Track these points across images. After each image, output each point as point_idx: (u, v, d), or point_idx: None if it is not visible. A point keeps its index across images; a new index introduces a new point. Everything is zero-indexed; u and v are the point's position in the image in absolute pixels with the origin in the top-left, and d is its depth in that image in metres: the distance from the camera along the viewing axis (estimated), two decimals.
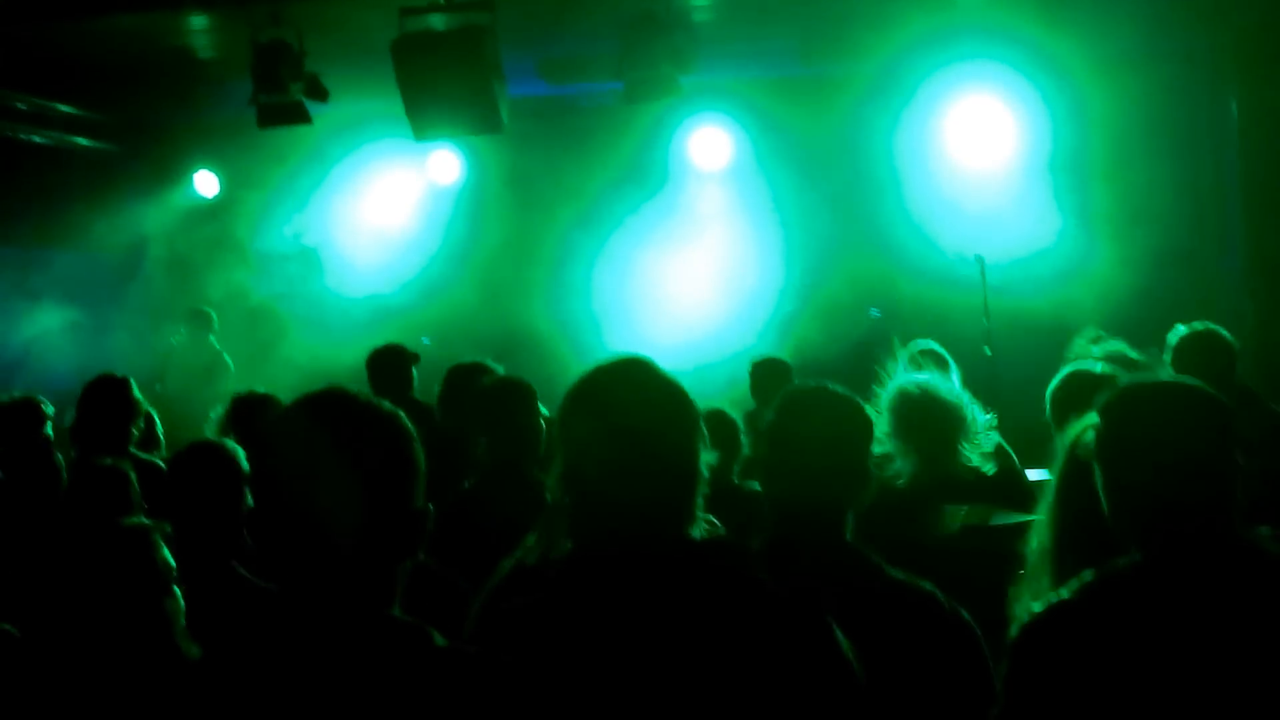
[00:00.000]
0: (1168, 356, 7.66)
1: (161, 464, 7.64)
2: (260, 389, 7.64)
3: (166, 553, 4.06)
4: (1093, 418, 3.57)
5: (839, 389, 4.11)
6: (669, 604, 2.97)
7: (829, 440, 3.88)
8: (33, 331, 14.04)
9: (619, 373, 3.18)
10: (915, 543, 4.77)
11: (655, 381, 3.15)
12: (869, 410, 4.06)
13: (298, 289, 16.46)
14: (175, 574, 4.07)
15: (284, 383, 9.52)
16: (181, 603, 4.05)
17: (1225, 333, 7.79)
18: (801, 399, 4.04)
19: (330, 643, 2.58)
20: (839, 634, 3.07)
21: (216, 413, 7.50)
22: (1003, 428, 5.96)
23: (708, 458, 3.13)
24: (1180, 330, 7.85)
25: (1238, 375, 7.71)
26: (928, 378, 5.89)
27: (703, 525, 3.11)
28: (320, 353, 13.99)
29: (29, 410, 7.70)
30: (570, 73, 14.41)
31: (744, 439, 6.74)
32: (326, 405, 2.72)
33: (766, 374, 9.70)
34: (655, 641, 2.94)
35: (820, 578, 3.60)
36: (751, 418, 7.19)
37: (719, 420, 6.48)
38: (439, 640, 2.66)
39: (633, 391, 3.11)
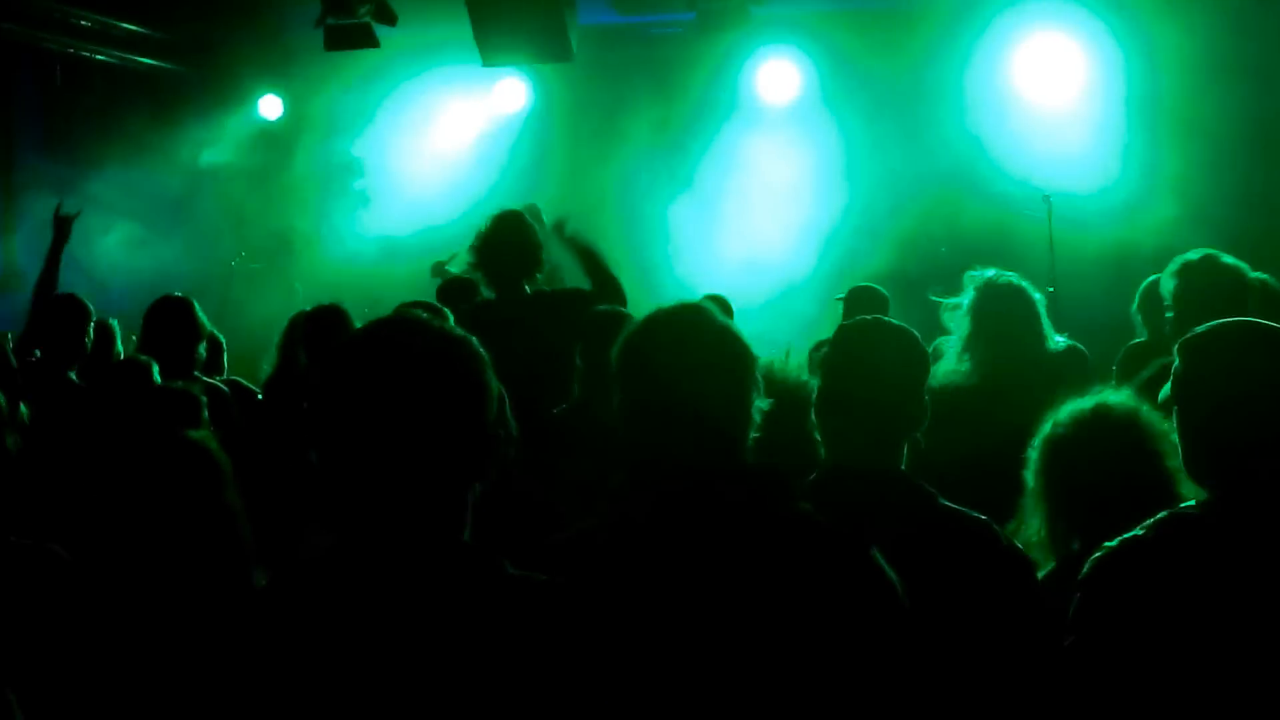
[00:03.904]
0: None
1: (225, 388, 7.71)
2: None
3: (228, 468, 4.06)
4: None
5: (896, 322, 4.16)
6: (710, 537, 3.01)
7: (885, 372, 3.91)
8: (96, 246, 14.11)
9: (674, 319, 3.21)
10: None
11: (710, 328, 3.18)
12: (923, 344, 4.08)
13: (355, 218, 16.48)
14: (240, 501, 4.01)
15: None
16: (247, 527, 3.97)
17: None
18: (858, 332, 4.08)
19: (400, 570, 2.60)
20: (884, 565, 3.11)
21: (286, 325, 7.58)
22: None
23: (761, 404, 3.16)
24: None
25: None
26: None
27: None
28: (375, 284, 14.01)
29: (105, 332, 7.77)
30: (642, 1, 14.36)
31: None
32: (396, 329, 2.75)
33: (861, 303, 9.43)
34: (699, 575, 2.98)
35: (873, 508, 3.64)
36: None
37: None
38: (509, 569, 2.68)
39: (686, 339, 3.14)
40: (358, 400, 2.65)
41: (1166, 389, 3.71)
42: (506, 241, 7.75)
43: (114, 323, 8.61)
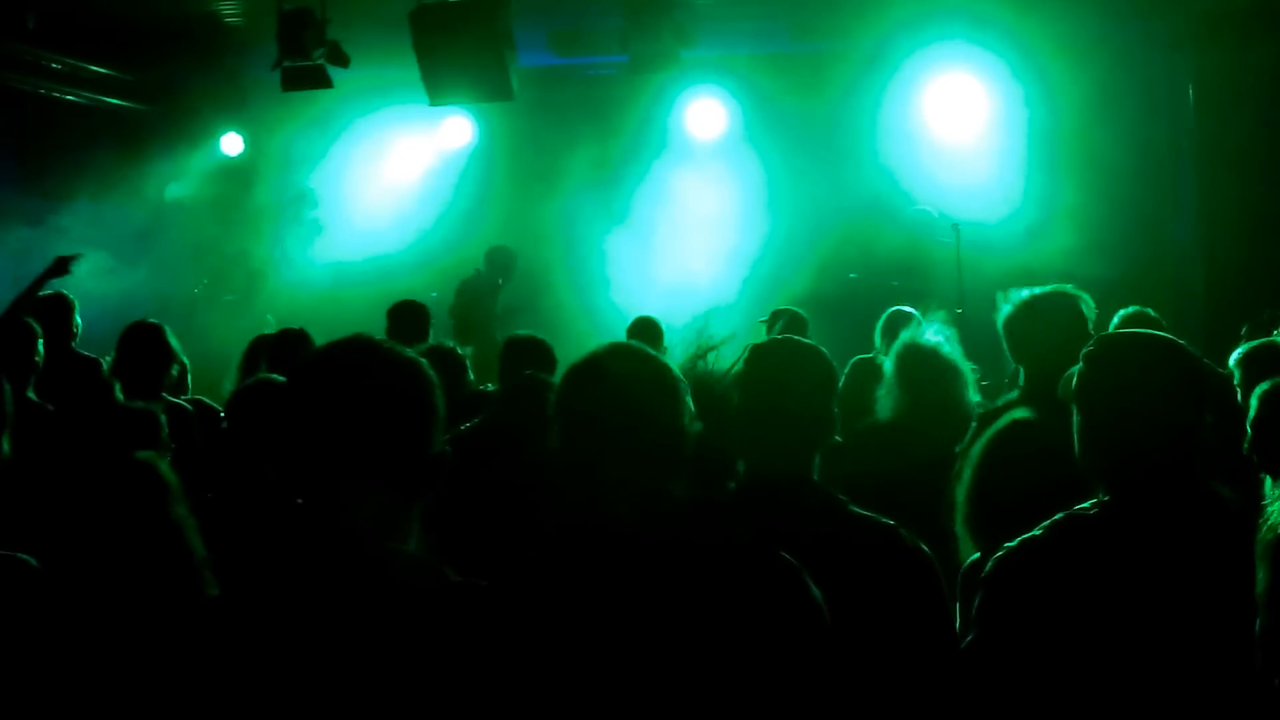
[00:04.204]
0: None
1: (189, 407, 7.67)
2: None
3: (176, 485, 3.98)
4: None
5: (804, 340, 4.17)
6: (650, 572, 2.95)
7: (795, 387, 3.89)
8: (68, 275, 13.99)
9: (615, 354, 3.16)
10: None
11: (648, 362, 3.14)
12: (831, 359, 4.04)
13: (309, 246, 16.42)
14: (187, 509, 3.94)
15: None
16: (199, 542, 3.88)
17: (1154, 314, 7.84)
18: (768, 349, 4.05)
19: (347, 578, 2.58)
20: (810, 583, 3.07)
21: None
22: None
23: (695, 427, 3.13)
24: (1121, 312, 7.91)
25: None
26: (936, 337, 6.01)
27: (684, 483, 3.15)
28: (327, 308, 13.97)
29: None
30: (578, 45, 14.49)
31: None
32: (352, 351, 2.73)
33: (785, 326, 9.58)
34: (634, 604, 2.93)
35: (789, 513, 3.65)
36: None
37: None
38: (453, 576, 2.67)
39: (628, 371, 3.10)
40: (310, 419, 2.65)
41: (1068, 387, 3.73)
42: None
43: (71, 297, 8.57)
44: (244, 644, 2.58)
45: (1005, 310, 5.70)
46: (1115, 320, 7.74)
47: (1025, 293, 5.68)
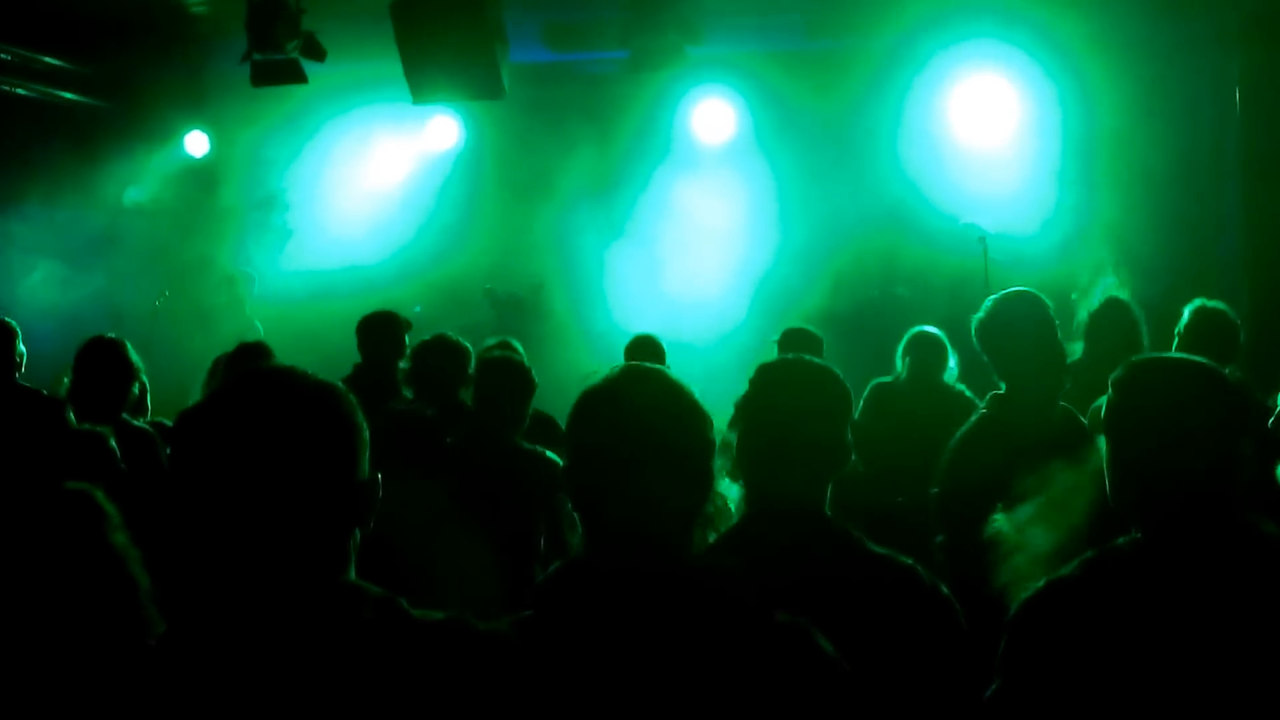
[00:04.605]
0: (1179, 328, 7.86)
1: (149, 429, 7.68)
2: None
3: (114, 514, 3.97)
4: None
5: (817, 361, 4.12)
6: (657, 630, 2.88)
7: (806, 413, 3.88)
8: (18, 285, 14.03)
9: (637, 378, 3.09)
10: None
11: (673, 389, 3.06)
12: (844, 383, 4.01)
13: (280, 253, 16.41)
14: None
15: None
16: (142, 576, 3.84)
17: (1231, 312, 7.94)
18: (778, 372, 4.04)
19: (289, 615, 2.63)
20: (819, 641, 3.00)
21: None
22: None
23: (719, 464, 3.10)
24: (1193, 304, 8.01)
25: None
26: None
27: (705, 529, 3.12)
28: (303, 319, 13.99)
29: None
30: (575, 39, 14.44)
31: None
32: (265, 382, 2.76)
33: (795, 344, 9.49)
34: (635, 665, 2.87)
35: (799, 553, 3.64)
36: None
37: None
38: (405, 606, 2.71)
39: (652, 398, 3.02)
40: (229, 450, 2.67)
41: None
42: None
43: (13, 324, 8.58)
44: (194, 691, 2.60)
45: (976, 318, 6.01)
46: (1185, 315, 7.85)
47: (990, 300, 6.04)
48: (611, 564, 2.97)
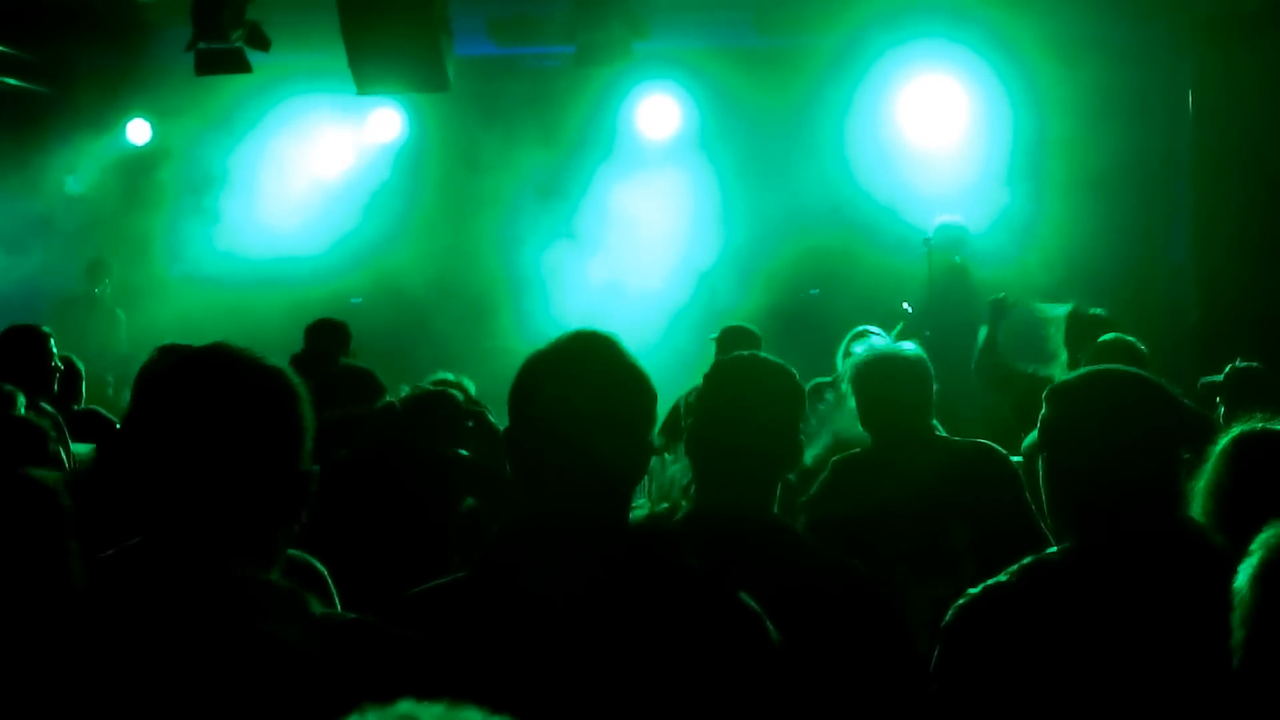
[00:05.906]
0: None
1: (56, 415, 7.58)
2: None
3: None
4: None
5: (771, 358, 4.11)
6: (594, 592, 2.89)
7: (760, 412, 3.87)
8: None
9: (589, 341, 3.08)
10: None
11: (620, 357, 3.06)
12: (799, 379, 4.02)
13: (221, 244, 16.28)
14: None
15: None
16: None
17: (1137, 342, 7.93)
18: (732, 368, 4.04)
19: (200, 606, 2.54)
20: (764, 619, 3.03)
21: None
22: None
23: (659, 441, 3.14)
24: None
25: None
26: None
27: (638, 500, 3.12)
28: (242, 312, 13.89)
29: None
30: (520, 33, 14.41)
31: None
32: (209, 361, 2.72)
33: (733, 343, 9.49)
34: (575, 625, 2.87)
35: (744, 555, 3.59)
36: None
37: None
38: (315, 607, 2.64)
39: (599, 364, 3.01)
40: (167, 433, 2.63)
41: (1033, 435, 3.74)
42: None
43: None
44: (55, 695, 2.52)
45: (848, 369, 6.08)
46: (1094, 348, 7.81)
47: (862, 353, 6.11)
48: (550, 524, 2.96)
